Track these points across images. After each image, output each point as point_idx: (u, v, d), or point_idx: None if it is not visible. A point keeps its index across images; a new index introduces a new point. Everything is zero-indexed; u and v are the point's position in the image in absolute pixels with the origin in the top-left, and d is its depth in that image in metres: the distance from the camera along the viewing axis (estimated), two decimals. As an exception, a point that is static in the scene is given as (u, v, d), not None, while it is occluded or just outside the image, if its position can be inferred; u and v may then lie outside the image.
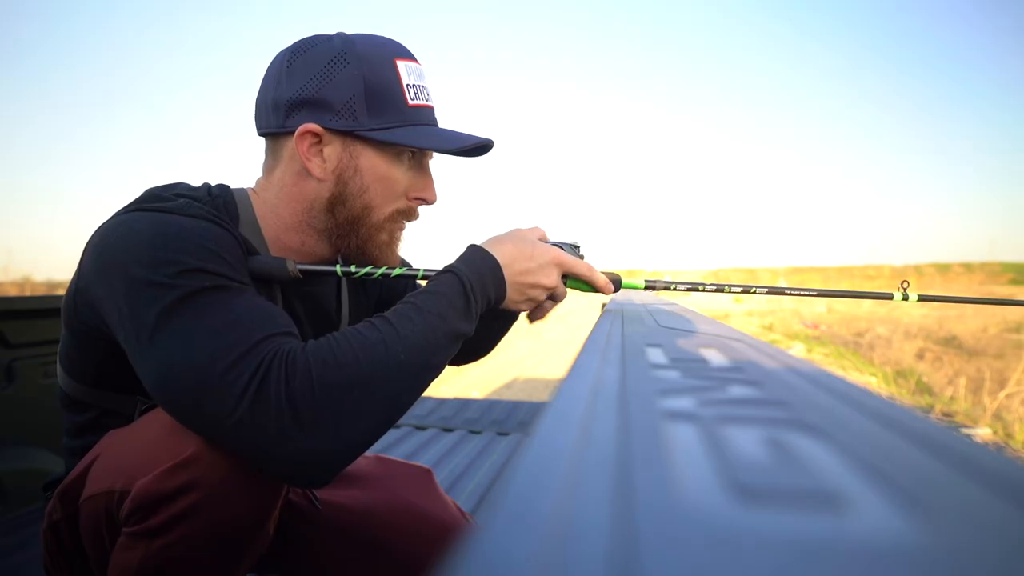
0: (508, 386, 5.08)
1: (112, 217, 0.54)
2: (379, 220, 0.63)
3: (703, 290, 0.76)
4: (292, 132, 0.58)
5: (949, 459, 0.17)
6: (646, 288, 0.74)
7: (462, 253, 0.60)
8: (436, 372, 0.54)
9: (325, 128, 0.58)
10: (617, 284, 0.70)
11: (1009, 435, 3.93)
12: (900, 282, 0.84)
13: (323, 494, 0.76)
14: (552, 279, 0.63)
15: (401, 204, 0.64)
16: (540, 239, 0.66)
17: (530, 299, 0.63)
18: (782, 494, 0.14)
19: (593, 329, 0.50)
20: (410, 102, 0.60)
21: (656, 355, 0.36)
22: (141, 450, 0.51)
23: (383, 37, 0.62)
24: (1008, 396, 4.53)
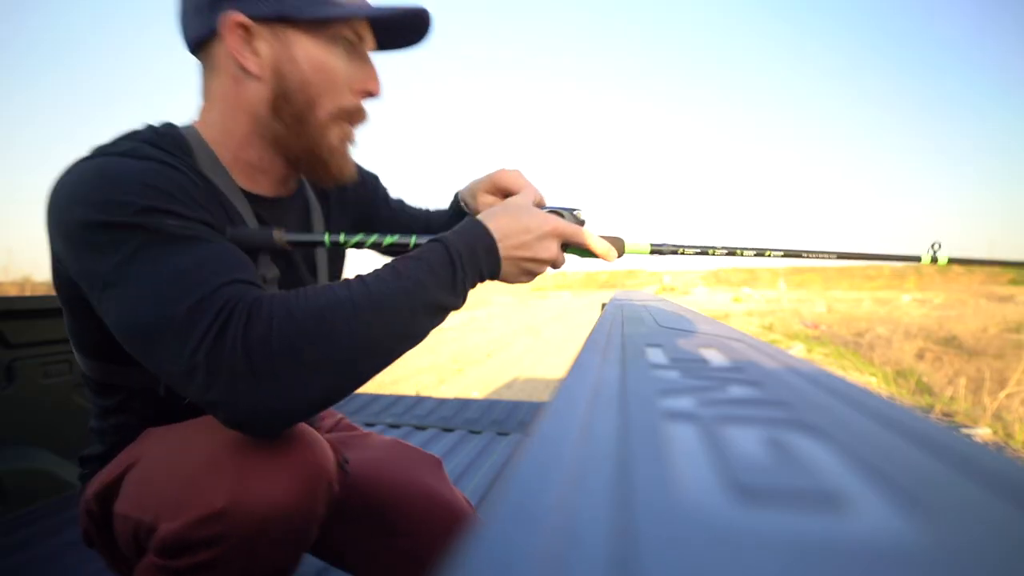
0: (508, 386, 5.08)
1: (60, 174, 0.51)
2: (325, 117, 0.58)
3: (713, 253, 0.73)
4: (216, 34, 0.54)
5: (949, 459, 0.17)
6: (652, 253, 0.72)
7: (457, 225, 0.57)
8: (410, 342, 0.51)
9: (251, 17, 0.53)
10: (620, 249, 0.69)
11: (1009, 435, 3.93)
12: (931, 243, 0.83)
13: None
14: (551, 251, 0.60)
15: (346, 100, 0.59)
16: (538, 204, 0.63)
17: (527, 272, 0.60)
18: (782, 494, 0.14)
19: (593, 329, 0.50)
20: None
21: (656, 355, 0.36)
22: (173, 486, 0.50)
23: None
24: (1008, 396, 4.53)
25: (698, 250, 0.73)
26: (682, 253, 0.73)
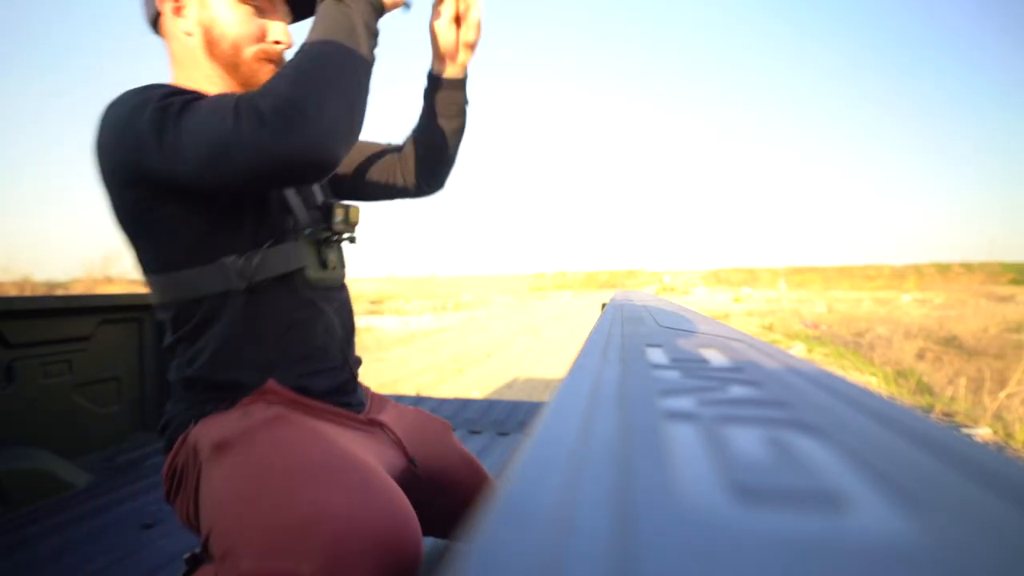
0: (509, 386, 5.08)
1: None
2: (251, 59, 0.74)
3: None
4: (160, 11, 0.72)
5: (949, 459, 0.17)
6: None
7: None
8: (367, 63, 0.66)
9: None
10: None
11: (1009, 435, 3.93)
12: None
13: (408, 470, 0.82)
14: None
15: (263, 47, 0.74)
16: None
17: None
18: (782, 494, 0.14)
19: (593, 329, 0.50)
20: None
21: (656, 355, 0.36)
22: (272, 528, 0.52)
23: None
24: (1008, 396, 4.53)
25: None
26: None
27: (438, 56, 0.84)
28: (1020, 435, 3.89)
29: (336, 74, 0.61)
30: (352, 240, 0.82)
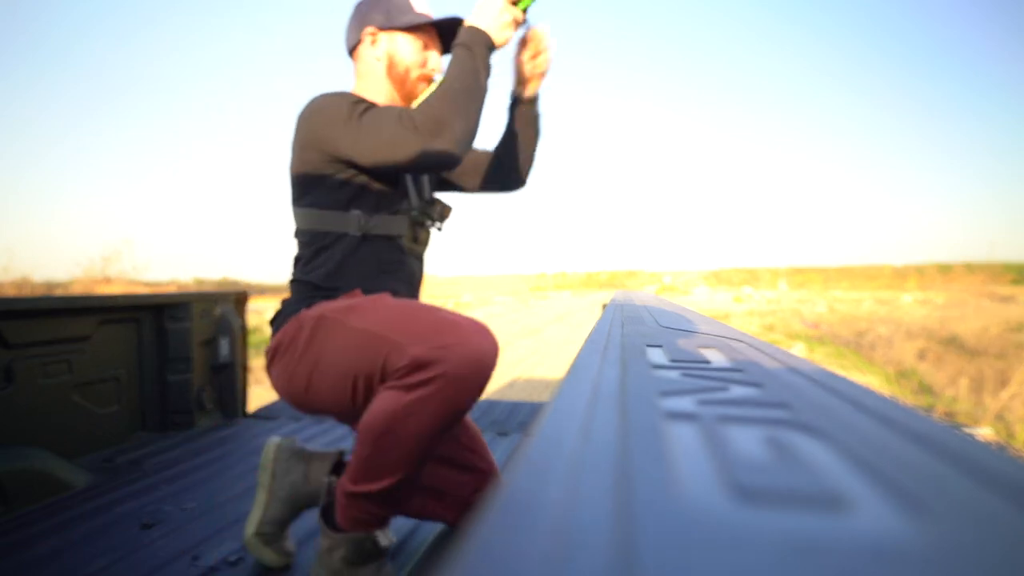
0: (510, 386, 5.09)
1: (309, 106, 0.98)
2: (414, 78, 1.06)
3: None
4: (361, 40, 1.04)
5: (951, 459, 0.17)
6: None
7: (458, 38, 0.96)
8: (483, 91, 0.94)
9: (377, 28, 1.03)
10: None
11: (1011, 435, 3.93)
12: None
13: None
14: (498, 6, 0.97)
15: (424, 72, 1.06)
16: None
17: (501, 25, 0.97)
18: (783, 494, 0.14)
19: (593, 329, 0.50)
20: (416, 10, 1.05)
21: (656, 355, 0.36)
22: (420, 327, 0.79)
23: None
24: (1011, 396, 4.52)
25: None
26: None
27: (519, 81, 1.12)
28: (1021, 435, 3.88)
29: (465, 100, 0.90)
30: (439, 229, 1.11)
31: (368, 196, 0.98)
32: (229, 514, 1.21)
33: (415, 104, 1.06)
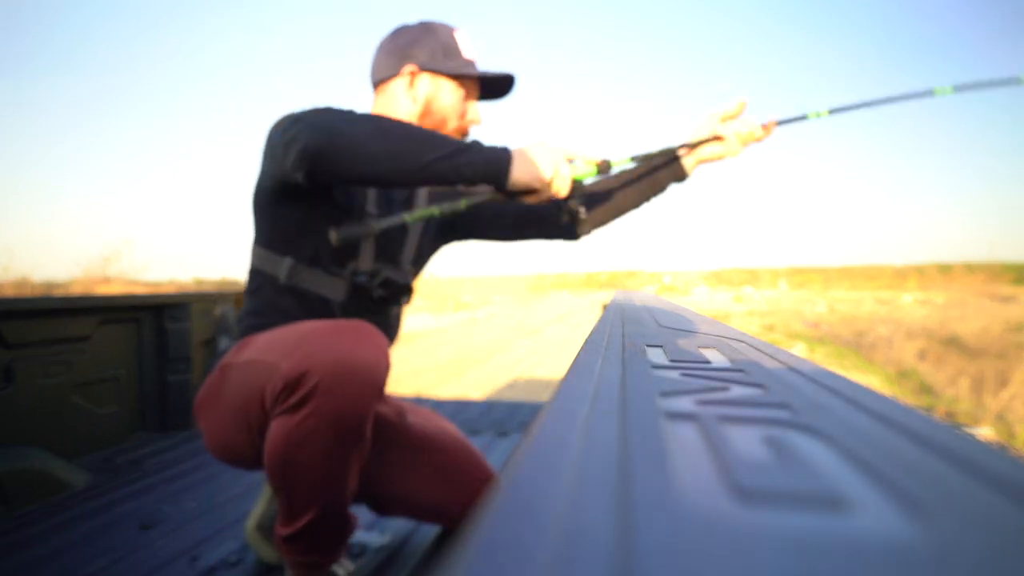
0: (510, 386, 5.08)
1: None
2: (450, 129, 0.94)
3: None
4: (398, 74, 0.92)
5: (951, 459, 0.17)
6: (598, 173, 0.84)
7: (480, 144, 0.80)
8: (392, 157, 0.73)
9: (420, 67, 0.92)
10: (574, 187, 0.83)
11: (1011, 435, 3.93)
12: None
13: (394, 417, 0.93)
14: (551, 159, 0.80)
15: (461, 123, 0.96)
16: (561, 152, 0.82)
17: (538, 167, 0.78)
18: (783, 495, 0.14)
19: (593, 329, 0.50)
20: (464, 56, 0.94)
21: (656, 355, 0.36)
22: (287, 345, 0.72)
23: (443, 21, 0.96)
24: (1011, 396, 4.52)
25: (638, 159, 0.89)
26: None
27: (694, 156, 0.94)
28: (1022, 435, 3.88)
29: (391, 143, 0.72)
30: (398, 303, 0.95)
31: (304, 244, 0.85)
32: (229, 514, 1.21)
33: None
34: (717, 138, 0.91)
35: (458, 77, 0.93)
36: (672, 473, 0.15)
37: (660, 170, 0.96)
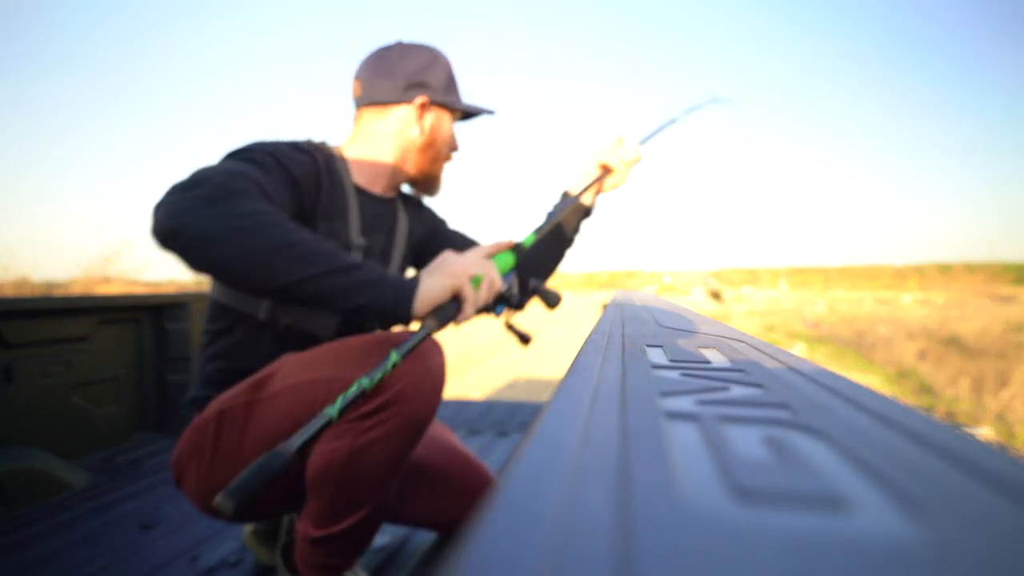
0: (510, 386, 5.08)
1: None
2: (442, 158, 0.95)
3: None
4: (406, 102, 0.89)
5: (951, 459, 0.17)
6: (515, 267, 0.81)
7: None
8: (261, 269, 0.60)
9: (431, 101, 0.90)
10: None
11: (1011, 435, 3.92)
12: None
13: None
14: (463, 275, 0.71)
15: (450, 154, 0.97)
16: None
17: (448, 278, 0.68)
18: (783, 494, 0.14)
19: (593, 329, 0.50)
20: (458, 88, 0.95)
21: (656, 355, 0.36)
22: (355, 353, 0.70)
23: (433, 46, 0.94)
24: (1011, 396, 4.52)
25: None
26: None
27: (590, 191, 0.97)
28: (1021, 435, 3.88)
29: (244, 250, 0.59)
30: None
31: None
32: (229, 514, 1.21)
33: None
34: (607, 171, 0.97)
35: (461, 112, 0.95)
36: (672, 473, 0.15)
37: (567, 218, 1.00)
